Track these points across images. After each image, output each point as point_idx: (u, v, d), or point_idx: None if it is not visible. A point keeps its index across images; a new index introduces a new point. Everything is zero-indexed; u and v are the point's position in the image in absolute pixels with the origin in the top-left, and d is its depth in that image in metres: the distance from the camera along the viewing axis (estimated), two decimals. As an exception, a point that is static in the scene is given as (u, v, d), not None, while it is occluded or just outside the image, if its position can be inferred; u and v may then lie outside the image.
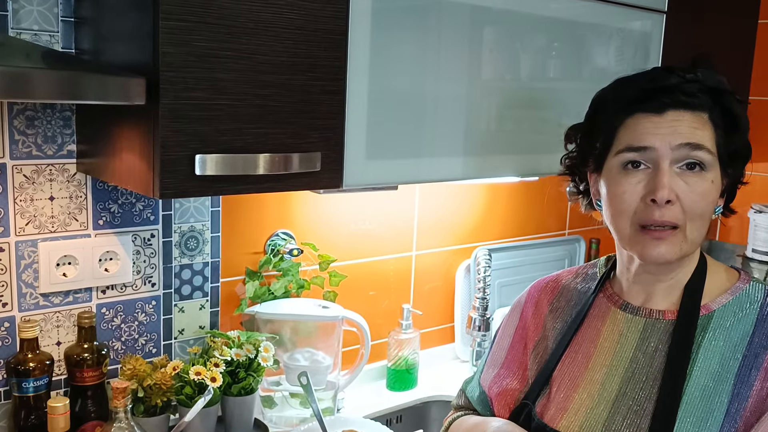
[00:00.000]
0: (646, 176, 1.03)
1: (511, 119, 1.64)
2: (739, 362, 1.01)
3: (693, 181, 1.02)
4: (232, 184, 1.24)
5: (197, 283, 1.64)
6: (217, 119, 1.20)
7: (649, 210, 1.02)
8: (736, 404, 0.99)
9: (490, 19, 1.55)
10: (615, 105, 1.07)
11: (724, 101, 1.05)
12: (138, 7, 1.18)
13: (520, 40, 1.62)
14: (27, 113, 1.38)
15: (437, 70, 1.48)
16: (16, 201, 1.39)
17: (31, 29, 1.36)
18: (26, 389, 1.38)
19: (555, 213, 2.39)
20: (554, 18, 1.65)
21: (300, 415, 1.72)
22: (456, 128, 1.53)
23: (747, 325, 1.04)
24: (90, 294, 1.50)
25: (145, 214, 1.54)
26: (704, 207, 1.03)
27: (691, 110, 1.03)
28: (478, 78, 1.56)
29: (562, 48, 1.70)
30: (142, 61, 1.17)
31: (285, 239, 1.76)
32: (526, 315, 1.24)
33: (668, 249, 1.02)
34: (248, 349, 1.54)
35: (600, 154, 1.09)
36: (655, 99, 1.03)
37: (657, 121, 1.02)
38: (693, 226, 1.03)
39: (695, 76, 1.04)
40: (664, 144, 1.01)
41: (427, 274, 2.09)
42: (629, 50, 1.83)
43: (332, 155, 1.35)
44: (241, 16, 1.20)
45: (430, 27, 1.46)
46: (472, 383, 1.31)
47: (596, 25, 1.74)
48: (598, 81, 1.17)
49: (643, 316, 1.10)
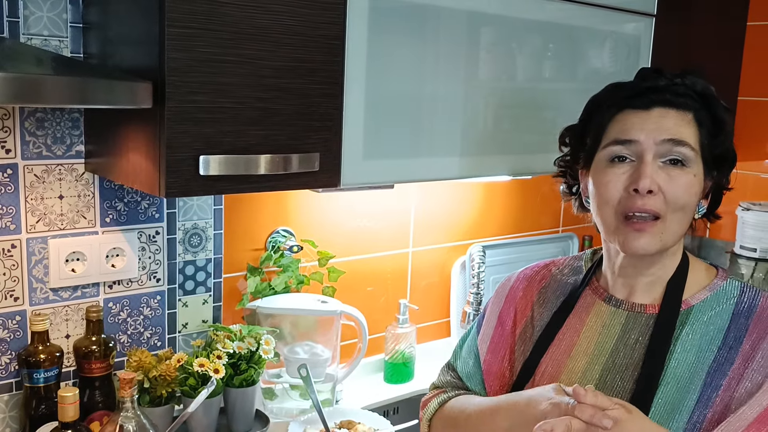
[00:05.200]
0: (631, 168, 1.08)
1: (505, 119, 1.70)
2: (714, 354, 1.07)
3: (675, 174, 1.07)
4: (234, 183, 1.29)
5: (200, 278, 1.70)
6: (220, 121, 1.26)
7: (631, 199, 1.07)
8: (708, 392, 1.05)
9: (485, 22, 1.60)
10: (606, 103, 1.14)
11: (709, 105, 1.11)
12: (145, 14, 1.23)
13: (514, 42, 1.67)
14: (37, 115, 1.44)
15: (432, 73, 1.54)
16: (28, 199, 1.45)
17: (41, 35, 1.41)
18: (37, 380, 1.44)
19: (549, 211, 2.45)
20: (548, 21, 1.71)
21: (299, 406, 1.78)
22: (450, 128, 1.59)
23: (723, 320, 1.10)
24: (97, 289, 1.56)
25: (150, 211, 1.60)
26: (686, 199, 1.08)
27: (676, 108, 1.09)
28: (472, 79, 1.61)
29: (555, 50, 1.75)
30: (148, 65, 1.22)
31: (285, 236, 1.81)
32: (514, 297, 1.29)
33: (649, 241, 1.07)
34: (250, 342, 1.60)
35: (590, 149, 1.15)
36: (644, 96, 1.09)
37: (644, 117, 1.08)
38: (674, 218, 1.08)
39: (683, 81, 1.11)
40: (649, 138, 1.07)
41: (424, 270, 2.15)
42: (621, 52, 1.89)
43: (330, 155, 1.40)
44: (242, 23, 1.25)
45: (426, 31, 1.51)
46: (459, 360, 1.34)
47: (588, 29, 1.80)
48: (591, 82, 1.23)
49: (625, 309, 1.16)
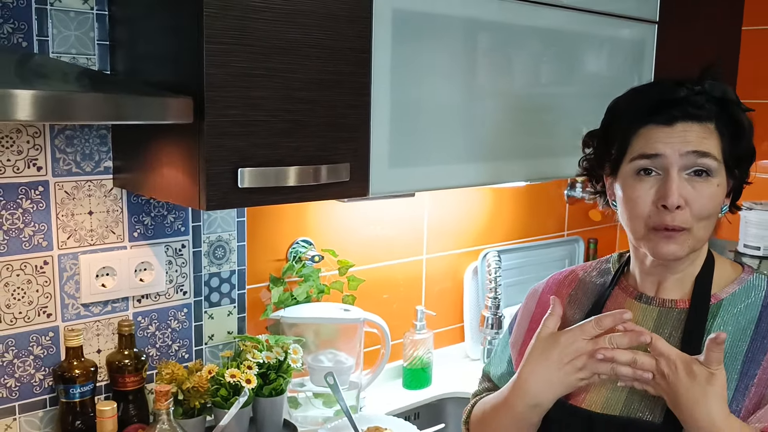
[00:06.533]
0: (657, 182, 1.13)
1: (523, 125, 1.74)
2: (747, 344, 1.12)
3: (700, 187, 1.11)
4: (269, 194, 1.32)
5: (225, 290, 1.72)
6: (253, 134, 1.28)
7: (660, 215, 1.12)
8: (745, 381, 1.09)
9: (503, 32, 1.65)
10: (629, 116, 1.17)
11: (729, 110, 1.15)
12: (178, 30, 1.26)
13: (532, 50, 1.72)
14: (66, 132, 1.46)
15: (454, 81, 1.58)
16: (58, 216, 1.46)
17: (70, 53, 1.43)
18: (73, 395, 1.45)
19: (554, 215, 2.49)
20: (561, 30, 1.76)
21: (324, 414, 1.80)
22: (471, 136, 1.63)
23: (753, 311, 1.14)
24: (126, 303, 1.58)
25: (176, 225, 1.62)
26: (711, 209, 1.13)
27: (698, 122, 1.12)
28: (492, 88, 1.65)
29: (571, 57, 1.80)
30: (184, 81, 1.25)
31: (305, 247, 1.84)
32: (544, 302, 1.32)
33: (678, 247, 1.12)
34: (278, 352, 1.62)
35: (615, 160, 1.19)
36: (666, 112, 1.13)
37: (667, 132, 1.12)
38: (700, 226, 1.13)
39: (702, 87, 1.14)
40: (674, 152, 1.11)
41: (437, 276, 2.18)
42: (628, 57, 1.95)
43: (359, 165, 1.43)
44: (273, 38, 1.28)
45: (447, 41, 1.55)
46: (493, 365, 1.39)
47: (600, 36, 1.85)
48: (604, 87, 1.27)
49: (657, 306, 1.20)
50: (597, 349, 1.09)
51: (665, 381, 1.05)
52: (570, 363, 1.12)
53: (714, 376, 1.03)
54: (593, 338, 1.11)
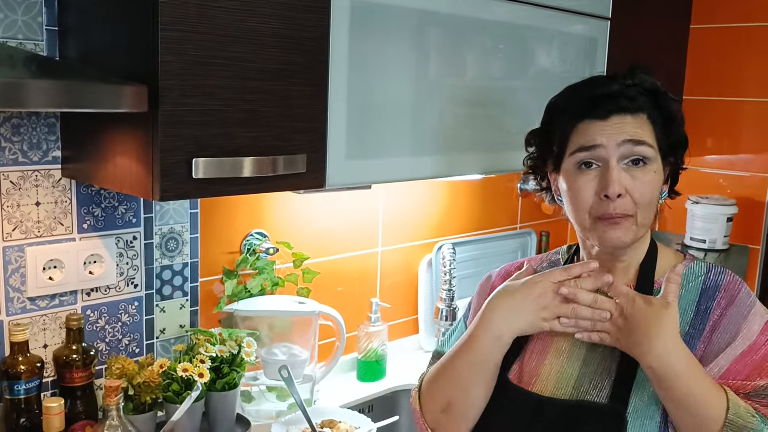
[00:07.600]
0: (598, 174, 1.17)
1: (479, 119, 1.75)
2: (688, 326, 1.17)
3: (639, 175, 1.16)
4: (225, 185, 1.29)
5: (177, 283, 1.69)
6: (210, 124, 1.26)
7: (603, 205, 1.16)
8: None
9: (460, 26, 1.65)
10: (566, 113, 1.21)
11: (660, 101, 1.20)
12: (133, 17, 1.22)
13: (485, 45, 1.72)
14: (13, 120, 1.40)
15: (410, 74, 1.57)
16: (4, 207, 1.41)
17: (16, 38, 1.38)
18: (18, 392, 1.40)
19: (507, 208, 2.52)
20: (515, 24, 1.77)
21: (277, 408, 1.78)
22: (428, 128, 1.63)
23: (693, 295, 1.20)
24: (75, 297, 1.53)
25: (128, 216, 1.58)
26: (651, 195, 1.18)
27: (632, 113, 1.17)
28: (447, 81, 1.66)
29: (525, 52, 1.81)
30: (138, 69, 1.21)
31: (260, 239, 1.81)
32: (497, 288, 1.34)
33: (623, 233, 1.17)
34: (231, 345, 1.60)
35: (557, 156, 1.23)
36: (601, 106, 1.17)
37: (603, 125, 1.17)
38: (642, 213, 1.18)
39: (633, 81, 1.20)
40: (611, 142, 1.15)
41: (392, 268, 2.18)
42: (581, 53, 1.98)
43: (315, 156, 1.42)
44: (230, 26, 1.26)
45: (406, 35, 1.54)
46: (447, 346, 1.38)
47: (553, 31, 1.87)
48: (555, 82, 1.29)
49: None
50: (561, 283, 1.16)
51: (622, 318, 1.12)
52: (534, 300, 1.17)
53: (669, 304, 1.11)
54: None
